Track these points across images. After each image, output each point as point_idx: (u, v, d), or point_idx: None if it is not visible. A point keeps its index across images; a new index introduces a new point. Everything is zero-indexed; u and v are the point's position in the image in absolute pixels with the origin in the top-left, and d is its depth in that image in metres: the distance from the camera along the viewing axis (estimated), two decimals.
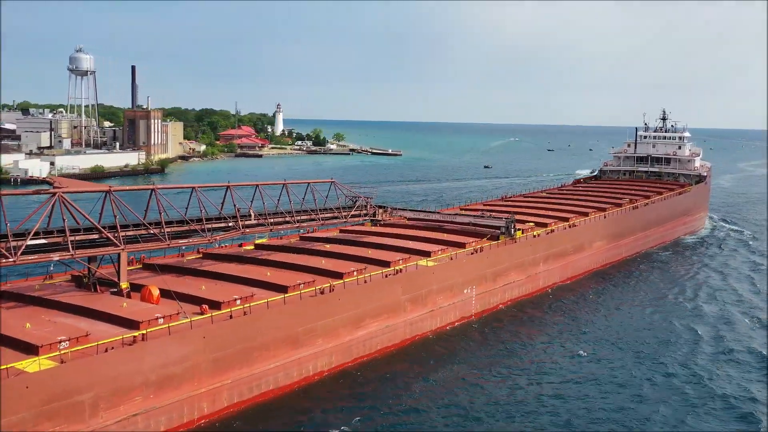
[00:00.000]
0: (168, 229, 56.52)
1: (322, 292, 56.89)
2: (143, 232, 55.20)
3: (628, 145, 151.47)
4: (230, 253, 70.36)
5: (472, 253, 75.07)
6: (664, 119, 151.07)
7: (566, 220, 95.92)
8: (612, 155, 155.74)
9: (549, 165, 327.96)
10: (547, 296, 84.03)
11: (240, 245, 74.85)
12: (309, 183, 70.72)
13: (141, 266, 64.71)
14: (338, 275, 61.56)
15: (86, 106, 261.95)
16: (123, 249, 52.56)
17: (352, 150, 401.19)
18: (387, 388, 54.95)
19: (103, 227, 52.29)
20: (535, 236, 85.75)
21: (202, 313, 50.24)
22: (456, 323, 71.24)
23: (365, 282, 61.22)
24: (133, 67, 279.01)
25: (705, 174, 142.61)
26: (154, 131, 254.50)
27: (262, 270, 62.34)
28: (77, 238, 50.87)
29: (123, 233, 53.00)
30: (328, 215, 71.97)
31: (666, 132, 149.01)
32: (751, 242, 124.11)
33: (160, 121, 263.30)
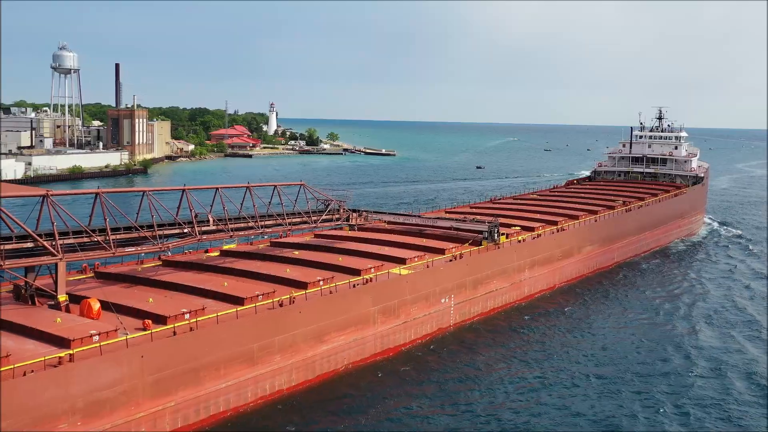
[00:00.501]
0: (114, 237, 52.23)
1: (280, 305, 52.47)
2: (86, 239, 50.93)
3: (623, 146, 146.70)
4: (191, 260, 65.89)
5: (450, 260, 70.55)
6: (660, 118, 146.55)
7: (555, 223, 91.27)
8: (606, 155, 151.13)
9: (546, 165, 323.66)
10: (531, 306, 78.93)
11: (206, 251, 70.40)
12: (275, 186, 66.25)
13: (93, 275, 60.41)
14: (302, 285, 57.15)
15: (71, 105, 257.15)
16: (60, 259, 48.34)
17: (346, 150, 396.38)
18: (336, 414, 50.09)
19: (40, 235, 48.09)
20: (520, 241, 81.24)
21: (144, 329, 45.86)
22: (432, 335, 66.69)
23: (330, 293, 56.70)
24: (116, 65, 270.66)
25: (702, 175, 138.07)
26: (139, 130, 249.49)
27: (220, 279, 57.95)
28: (9, 246, 46.64)
29: (61, 241, 48.75)
30: (297, 220, 67.50)
31: (662, 132, 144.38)
32: (750, 246, 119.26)
33: (145, 120, 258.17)
